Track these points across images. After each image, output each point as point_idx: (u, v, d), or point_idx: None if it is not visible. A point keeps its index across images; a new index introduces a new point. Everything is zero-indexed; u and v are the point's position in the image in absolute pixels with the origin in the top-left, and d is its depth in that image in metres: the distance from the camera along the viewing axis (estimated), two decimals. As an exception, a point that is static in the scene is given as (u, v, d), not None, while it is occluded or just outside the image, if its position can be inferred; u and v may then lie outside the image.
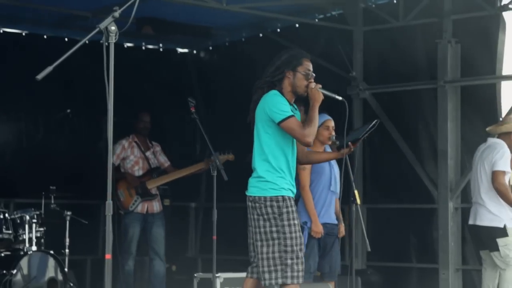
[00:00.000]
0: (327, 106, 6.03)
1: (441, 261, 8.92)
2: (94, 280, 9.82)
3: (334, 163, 7.27)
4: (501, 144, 7.65)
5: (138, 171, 8.89)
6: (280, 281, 5.31)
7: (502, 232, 7.46)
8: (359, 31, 9.73)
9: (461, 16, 9.00)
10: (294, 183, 5.50)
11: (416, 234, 9.55)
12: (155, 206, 8.92)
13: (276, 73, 5.47)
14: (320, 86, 5.50)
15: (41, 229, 8.08)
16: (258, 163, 5.43)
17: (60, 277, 7.92)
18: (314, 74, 5.53)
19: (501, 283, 7.55)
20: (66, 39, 10.24)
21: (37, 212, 8.09)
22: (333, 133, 7.27)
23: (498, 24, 8.83)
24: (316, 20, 10.02)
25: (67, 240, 8.29)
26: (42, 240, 8.08)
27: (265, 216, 5.35)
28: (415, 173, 9.25)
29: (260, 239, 5.38)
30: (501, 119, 7.92)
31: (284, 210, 5.35)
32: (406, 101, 9.53)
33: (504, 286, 7.50)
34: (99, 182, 8.97)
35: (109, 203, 4.12)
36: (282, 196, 5.37)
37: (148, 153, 9.01)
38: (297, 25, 10.14)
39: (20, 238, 7.98)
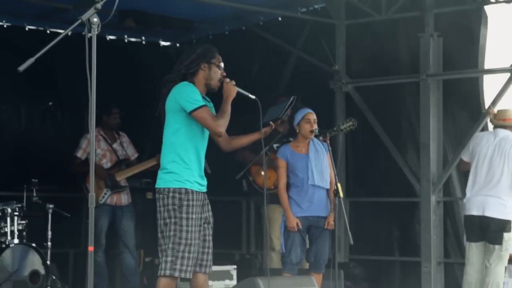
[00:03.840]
0: (311, 99, 6.02)
1: (423, 254, 8.95)
2: (77, 273, 9.79)
3: (313, 156, 7.25)
4: None
5: (106, 163, 8.89)
6: (168, 272, 5.28)
7: (509, 226, 7.50)
8: (341, 25, 9.73)
9: (443, 10, 9.02)
10: (203, 175, 5.47)
11: (399, 227, 9.58)
12: (123, 198, 8.92)
13: (192, 65, 5.48)
14: (234, 82, 5.52)
15: (23, 222, 8.05)
16: (165, 154, 5.40)
17: (42, 270, 7.89)
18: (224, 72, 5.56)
19: (491, 277, 7.52)
20: (48, 31, 10.19)
21: (19, 205, 8.05)
22: (315, 126, 7.27)
23: (480, 18, 8.86)
24: (299, 13, 10.00)
25: (49, 233, 8.26)
26: (24, 233, 8.05)
27: (166, 207, 5.34)
28: (398, 167, 9.26)
29: (160, 231, 5.38)
30: (489, 106, 7.86)
31: (185, 203, 5.32)
32: (389, 95, 9.54)
33: (495, 281, 7.50)
34: (82, 175, 8.98)
35: (92, 195, 4.13)
36: (185, 188, 5.34)
37: (115, 145, 9.02)
38: (280, 18, 10.11)
39: (2, 231, 7.94)
